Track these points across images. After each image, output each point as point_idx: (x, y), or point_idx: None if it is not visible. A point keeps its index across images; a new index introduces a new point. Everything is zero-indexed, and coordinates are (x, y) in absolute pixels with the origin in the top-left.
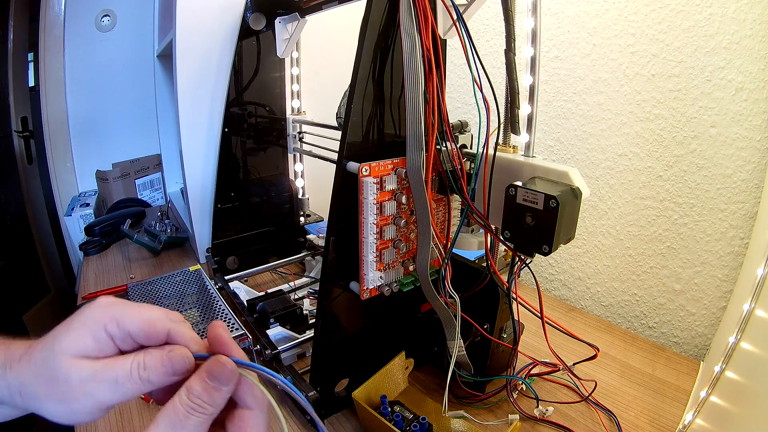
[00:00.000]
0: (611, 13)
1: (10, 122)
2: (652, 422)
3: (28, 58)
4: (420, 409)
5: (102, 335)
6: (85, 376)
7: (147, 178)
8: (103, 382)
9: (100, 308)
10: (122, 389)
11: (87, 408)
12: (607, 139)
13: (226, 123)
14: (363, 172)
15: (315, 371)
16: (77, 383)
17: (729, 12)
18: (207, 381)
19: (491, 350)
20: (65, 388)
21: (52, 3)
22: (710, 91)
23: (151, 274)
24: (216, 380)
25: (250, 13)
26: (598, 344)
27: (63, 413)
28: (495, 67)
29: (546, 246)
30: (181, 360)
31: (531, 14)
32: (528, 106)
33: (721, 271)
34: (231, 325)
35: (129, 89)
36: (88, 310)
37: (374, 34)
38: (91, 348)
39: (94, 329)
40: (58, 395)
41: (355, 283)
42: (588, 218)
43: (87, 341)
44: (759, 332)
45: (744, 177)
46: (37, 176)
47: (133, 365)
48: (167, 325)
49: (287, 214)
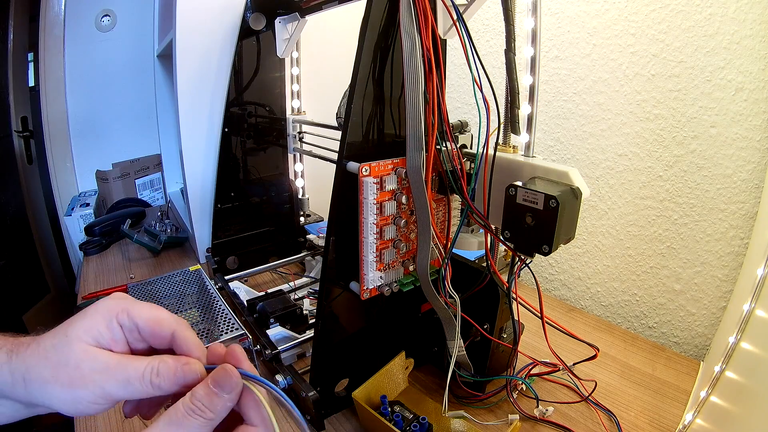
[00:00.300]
0: (611, 13)
1: (10, 122)
2: (652, 422)
3: (28, 58)
4: (420, 409)
5: (114, 324)
6: (98, 367)
7: (147, 178)
8: (115, 377)
9: (114, 300)
10: (131, 388)
11: (92, 397)
12: (607, 139)
13: (226, 123)
14: (363, 172)
15: (315, 371)
16: (88, 371)
17: (729, 12)
18: (210, 386)
19: (491, 350)
20: (75, 373)
21: (52, 3)
22: (710, 91)
23: (151, 274)
24: (218, 386)
25: (250, 13)
26: (598, 344)
27: (67, 400)
28: (495, 67)
29: (546, 246)
30: (193, 373)
31: (531, 14)
32: (528, 106)
33: (721, 271)
34: (231, 325)
35: (129, 89)
36: (102, 301)
37: (374, 34)
38: (104, 335)
39: (108, 317)
40: (65, 379)
41: (355, 283)
42: (588, 218)
43: (101, 328)
44: (759, 332)
45: (744, 177)
46: (37, 176)
47: (147, 369)
48: (173, 326)
49: (287, 214)
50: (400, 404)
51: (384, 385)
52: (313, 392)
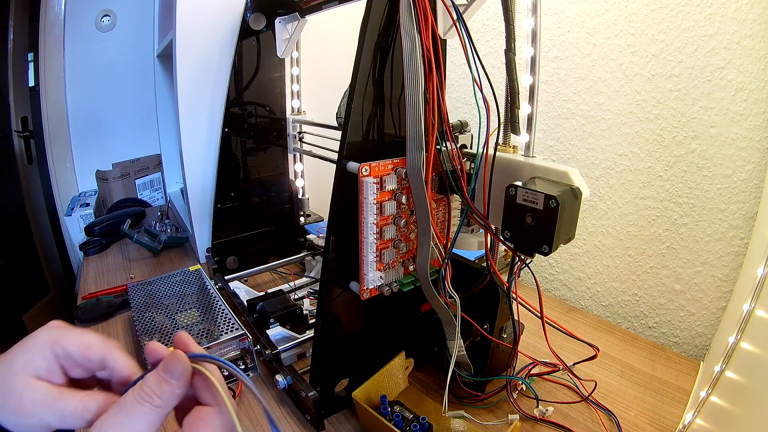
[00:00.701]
0: (611, 13)
1: (10, 122)
2: (652, 422)
3: (28, 58)
4: (420, 409)
5: (49, 355)
6: (36, 399)
7: (147, 178)
8: (51, 411)
9: (47, 331)
10: (68, 421)
11: (37, 427)
12: (607, 139)
13: (226, 123)
14: (363, 172)
15: (315, 371)
16: (28, 403)
17: (729, 12)
18: (160, 373)
19: (491, 350)
20: (18, 404)
21: (52, 3)
22: (710, 91)
23: (151, 274)
24: (168, 372)
25: (250, 13)
26: (598, 344)
27: (17, 425)
28: (495, 67)
29: (546, 246)
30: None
31: (531, 14)
32: (528, 106)
33: (721, 271)
34: (231, 325)
35: (129, 89)
36: (38, 332)
37: (374, 34)
38: (41, 368)
39: (43, 350)
40: (12, 407)
41: (355, 283)
42: (588, 218)
43: (37, 362)
44: (759, 332)
45: (744, 177)
46: (37, 176)
47: (78, 406)
48: (102, 351)
49: (287, 214)
50: (400, 404)
51: (384, 385)
52: (313, 392)
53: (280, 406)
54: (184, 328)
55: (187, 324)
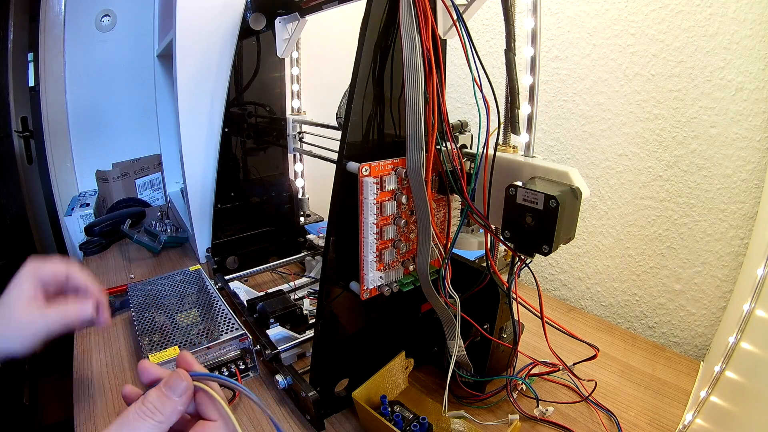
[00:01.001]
0: (611, 13)
1: (10, 122)
2: (652, 422)
3: (28, 58)
4: (420, 409)
5: (33, 279)
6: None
7: (147, 178)
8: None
9: (29, 264)
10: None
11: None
12: (607, 139)
13: (226, 123)
14: (363, 172)
15: (315, 371)
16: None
17: (729, 12)
18: (162, 389)
19: (491, 350)
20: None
21: (52, 3)
22: (710, 91)
23: (151, 274)
24: (170, 389)
25: (250, 13)
26: (598, 344)
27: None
28: (495, 67)
29: (546, 246)
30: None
31: (531, 14)
32: (528, 106)
33: (721, 271)
34: (231, 325)
35: (129, 89)
36: (22, 268)
37: (374, 34)
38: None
39: (29, 277)
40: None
41: (355, 283)
42: (588, 218)
43: (26, 287)
44: (759, 332)
45: (744, 177)
46: (37, 176)
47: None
48: (66, 269)
49: (287, 214)
50: (400, 404)
51: (384, 385)
52: (313, 392)
53: (280, 406)
54: (184, 328)
55: (187, 324)
